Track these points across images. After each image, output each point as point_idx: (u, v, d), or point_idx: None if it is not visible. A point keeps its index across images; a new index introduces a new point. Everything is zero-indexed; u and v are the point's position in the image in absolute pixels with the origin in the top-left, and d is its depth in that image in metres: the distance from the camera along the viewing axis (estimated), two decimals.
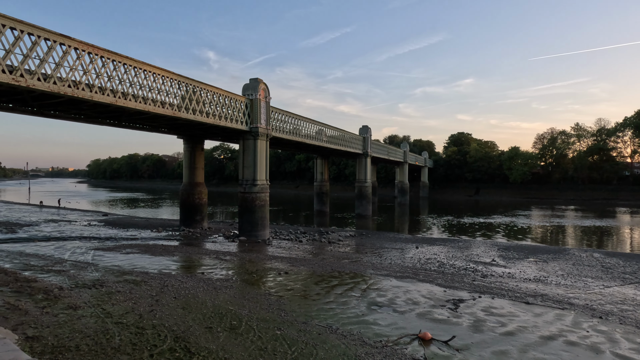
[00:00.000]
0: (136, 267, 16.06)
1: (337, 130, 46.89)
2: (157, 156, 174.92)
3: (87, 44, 17.65)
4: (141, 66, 20.44)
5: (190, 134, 32.79)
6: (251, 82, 29.82)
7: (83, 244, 22.62)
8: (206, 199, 34.70)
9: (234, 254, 21.44)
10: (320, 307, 11.78)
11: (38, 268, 14.46)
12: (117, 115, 23.36)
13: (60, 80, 16.73)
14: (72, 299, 10.26)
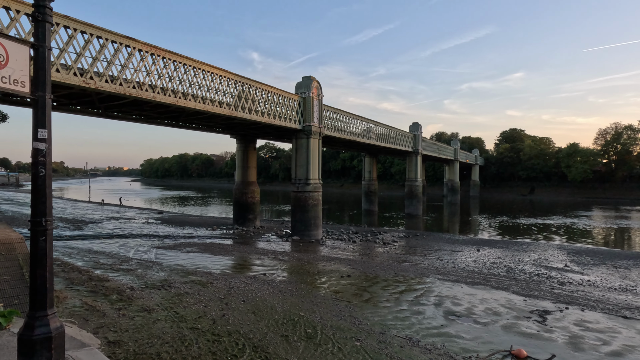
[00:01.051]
0: (199, 267, 16.04)
1: (387, 128, 45.75)
2: (206, 155, 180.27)
3: (150, 45, 17.89)
4: (200, 66, 20.55)
5: (243, 134, 33.01)
6: (304, 80, 29.47)
7: (144, 242, 23.16)
8: (258, 197, 34.84)
9: (290, 254, 21.14)
10: (394, 315, 11.07)
11: (107, 266, 14.73)
12: (176, 116, 23.76)
13: (125, 82, 17.04)
14: (144, 301, 10.18)
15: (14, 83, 4.33)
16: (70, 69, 15.01)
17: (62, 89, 16.53)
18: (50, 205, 4.53)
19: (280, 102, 26.98)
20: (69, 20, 14.82)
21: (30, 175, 4.45)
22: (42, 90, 4.49)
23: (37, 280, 4.42)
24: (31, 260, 4.39)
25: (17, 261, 8.31)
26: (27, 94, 4.40)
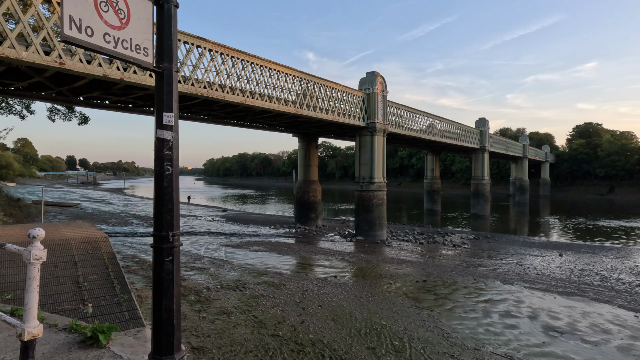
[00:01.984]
0: (268, 267, 15.82)
1: (451, 124, 43.60)
2: (264, 155, 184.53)
3: (220, 45, 17.98)
4: (266, 64, 20.44)
5: (305, 132, 32.82)
6: (368, 75, 28.64)
7: (213, 240, 23.55)
8: (320, 196, 34.52)
9: (357, 255, 20.47)
10: (485, 328, 10.01)
11: (182, 264, 14.89)
12: (243, 115, 23.94)
13: (197, 82, 17.23)
14: (221, 302, 9.96)
15: (135, 49, 3.44)
16: (146, 70, 15.33)
17: (138, 90, 17.02)
18: (178, 214, 3.57)
19: (344, 98, 26.37)
20: None
21: (105, 174, 4.07)
22: (167, 60, 3.58)
23: (162, 314, 3.42)
24: (155, 287, 3.46)
25: (102, 260, 8.34)
26: (149, 65, 3.57)
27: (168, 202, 3.55)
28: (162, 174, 3.53)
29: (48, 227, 10.54)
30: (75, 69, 13.30)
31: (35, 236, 2.23)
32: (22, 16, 12.02)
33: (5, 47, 11.75)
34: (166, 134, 3.53)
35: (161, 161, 3.53)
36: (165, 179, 3.54)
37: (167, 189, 3.55)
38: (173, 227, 3.53)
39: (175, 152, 3.60)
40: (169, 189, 3.55)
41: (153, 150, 3.57)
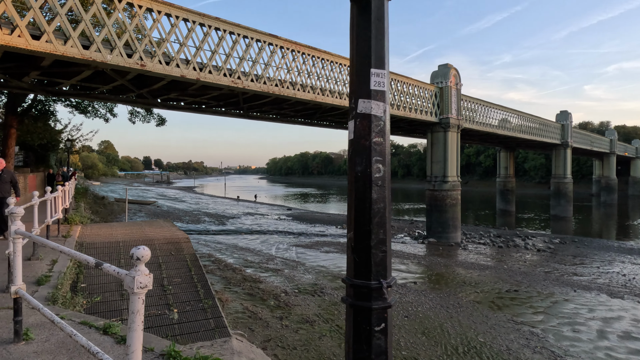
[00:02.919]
0: (343, 270, 15.17)
1: (529, 118, 40.26)
2: (325, 154, 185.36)
3: (291, 42, 17.64)
4: (336, 59, 19.82)
5: None
6: (440, 68, 27.08)
7: (282, 239, 23.42)
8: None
9: (432, 259, 19.23)
10: (605, 352, 8.57)
11: (256, 265, 14.70)
12: (312, 113, 23.56)
13: (268, 80, 17.01)
14: (302, 309, 9.43)
15: None
16: (220, 70, 15.34)
17: (213, 90, 17.14)
18: (390, 247, 2.29)
19: (415, 93, 25.09)
20: (219, 22, 15.13)
21: (177, 173, 3.41)
22: None
23: None
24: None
25: (185, 262, 8.13)
26: None
27: (378, 227, 2.18)
28: (366, 178, 2.18)
29: (132, 226, 10.70)
30: (155, 70, 13.52)
31: (139, 257, 1.67)
32: (107, 21, 12.36)
33: (92, 51, 12.14)
34: (375, 107, 2.18)
35: (365, 154, 2.18)
36: (374, 186, 2.18)
37: (378, 205, 2.19)
38: (387, 271, 2.20)
39: (387, 141, 2.25)
40: (379, 204, 2.20)
41: (349, 141, 2.31)
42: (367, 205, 2.18)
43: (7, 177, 8.61)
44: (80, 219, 11.09)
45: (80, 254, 2.34)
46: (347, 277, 2.26)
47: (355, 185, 2.23)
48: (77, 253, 2.38)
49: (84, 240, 8.64)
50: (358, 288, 2.18)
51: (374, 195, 2.18)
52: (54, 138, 23.09)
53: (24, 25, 10.88)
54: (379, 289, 2.15)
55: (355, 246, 2.20)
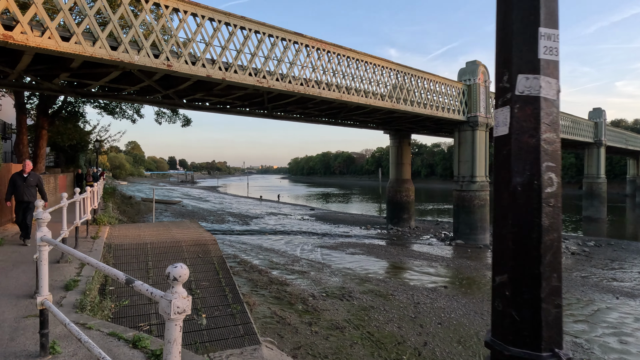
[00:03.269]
0: (369, 273, 14.81)
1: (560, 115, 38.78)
2: (347, 153, 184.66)
3: (315, 40, 17.37)
4: (362, 57, 19.44)
5: (397, 128, 31.29)
6: (468, 65, 26.32)
7: (306, 240, 23.19)
8: (413, 196, 32.76)
9: (461, 262, 18.63)
10: None
11: (282, 266, 14.50)
12: (336, 112, 23.26)
13: (293, 79, 16.80)
14: (330, 314, 9.14)
15: None
16: (245, 69, 15.21)
17: (238, 90, 17.05)
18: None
19: (441, 91, 24.44)
20: (244, 21, 15.00)
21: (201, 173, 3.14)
22: None
23: None
24: None
25: (213, 265, 7.95)
26: None
27: (551, 269, 1.54)
28: (531, 194, 1.56)
29: (159, 227, 10.65)
30: (181, 70, 13.48)
31: (176, 278, 1.41)
32: (134, 21, 12.37)
33: (119, 52, 12.16)
34: (546, 86, 1.56)
35: (530, 158, 1.57)
36: (545, 206, 1.56)
37: (550, 235, 1.55)
38: (561, 336, 1.55)
39: (559, 138, 1.60)
40: (552, 233, 1.56)
41: (498, 138, 1.68)
42: (533, 235, 1.51)
43: (33, 180, 8.42)
44: (109, 219, 11.11)
45: (109, 269, 2.11)
46: (494, 338, 1.57)
47: (512, 205, 1.55)
48: (105, 267, 2.16)
49: (112, 242, 8.58)
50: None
51: (545, 221, 1.50)
52: (83, 139, 23.54)
53: (54, 27, 10.97)
54: None
55: (514, 297, 1.52)
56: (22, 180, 8.34)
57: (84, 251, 7.38)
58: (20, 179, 8.35)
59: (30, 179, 8.37)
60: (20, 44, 10.51)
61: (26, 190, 8.30)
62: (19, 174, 8.43)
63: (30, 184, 8.37)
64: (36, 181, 8.48)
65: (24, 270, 6.10)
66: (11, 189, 8.30)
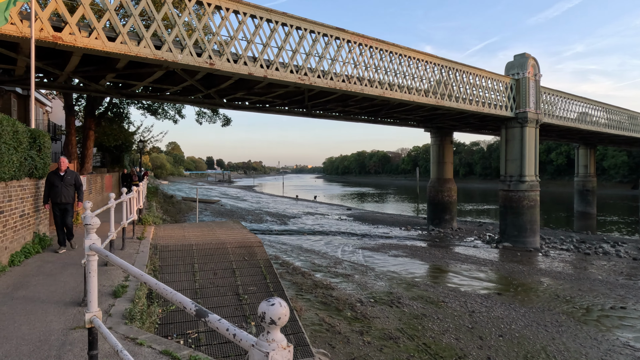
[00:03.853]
0: (416, 277, 14.14)
1: (617, 111, 36.26)
2: (382, 152, 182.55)
3: (357, 35, 16.83)
4: (405, 52, 18.71)
5: (439, 126, 30.19)
6: (516, 58, 24.94)
7: (346, 240, 22.70)
8: (455, 196, 31.55)
9: (512, 267, 17.55)
10: None
11: (324, 269, 14.08)
12: (377, 110, 22.60)
13: (335, 76, 16.33)
14: (381, 322, 8.61)
15: None
16: (287, 66, 14.89)
17: (278, 88, 16.78)
18: None
19: (488, 86, 23.25)
20: (286, 17, 14.68)
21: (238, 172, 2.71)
22: None
23: None
24: None
25: (259, 268, 7.60)
26: None
27: None
28: None
29: (203, 228, 10.47)
30: (224, 69, 13.31)
31: (274, 320, 0.98)
32: (178, 20, 12.30)
33: (163, 51, 12.11)
34: None
35: None
36: None
37: None
38: None
39: None
40: None
41: None
42: None
43: (70, 179, 7.73)
44: (153, 219, 11.06)
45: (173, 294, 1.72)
46: None
47: None
48: (169, 291, 1.77)
49: (158, 243, 8.42)
50: None
51: None
52: (128, 139, 24.08)
53: (100, 28, 11.03)
54: None
55: None
56: (59, 179, 7.65)
57: (131, 253, 7.22)
58: (57, 178, 7.66)
59: (68, 177, 7.73)
60: (69, 44, 10.61)
61: (64, 191, 7.68)
62: (54, 173, 7.70)
63: (68, 184, 7.73)
64: (74, 180, 7.83)
65: (72, 274, 5.95)
66: (48, 189, 7.72)
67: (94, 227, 2.64)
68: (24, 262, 6.39)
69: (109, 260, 2.33)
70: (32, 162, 7.32)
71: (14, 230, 6.30)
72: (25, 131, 6.72)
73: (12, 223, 6.29)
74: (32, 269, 6.12)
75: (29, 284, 5.36)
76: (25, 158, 6.96)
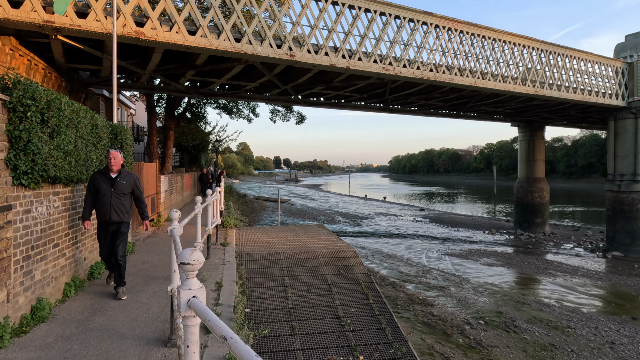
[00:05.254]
0: (521, 291, 12.24)
1: None
2: (452, 150, 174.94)
3: (447, 19, 15.16)
4: (500, 36, 16.66)
5: (530, 119, 27.21)
6: (629, 39, 21.60)
7: (427, 245, 20.98)
8: (548, 197, 28.34)
9: (635, 282, 14.83)
10: None
11: (413, 278, 12.67)
12: (463, 103, 20.58)
13: (422, 65, 14.81)
14: (503, 354, 7.09)
15: None
16: (370, 56, 13.66)
17: (359, 80, 15.65)
18: None
19: (593, 71, 20.25)
20: (369, 2, 13.45)
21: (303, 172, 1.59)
22: None
23: None
24: None
25: (358, 284, 6.47)
26: None
27: None
28: None
29: (287, 233, 9.59)
30: (304, 60, 12.41)
31: None
32: (258, 10, 11.59)
33: (243, 44, 11.46)
34: None
35: None
36: None
37: None
38: None
39: None
40: None
41: None
42: None
43: (126, 183, 5.14)
44: (234, 221, 10.40)
45: None
46: None
47: None
48: None
49: (243, 250, 7.61)
50: None
51: None
52: (205, 139, 24.31)
53: (181, 21, 10.60)
54: None
55: None
56: (108, 183, 5.06)
57: (217, 263, 6.43)
58: (105, 181, 5.07)
59: (122, 181, 5.12)
60: (150, 39, 10.28)
61: (115, 202, 5.05)
62: (102, 174, 5.12)
63: (122, 191, 5.11)
64: (131, 184, 5.22)
65: (155, 293, 5.17)
66: (91, 198, 5.08)
67: (194, 269, 1.61)
68: (103, 275, 5.79)
69: (214, 329, 1.27)
70: None
71: (94, 238, 5.73)
72: (106, 126, 6.10)
73: (93, 230, 5.72)
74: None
75: (107, 307, 4.64)
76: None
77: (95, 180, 5.05)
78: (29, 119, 3.73)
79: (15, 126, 3.67)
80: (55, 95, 4.05)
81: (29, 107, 3.71)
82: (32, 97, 3.76)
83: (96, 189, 5.02)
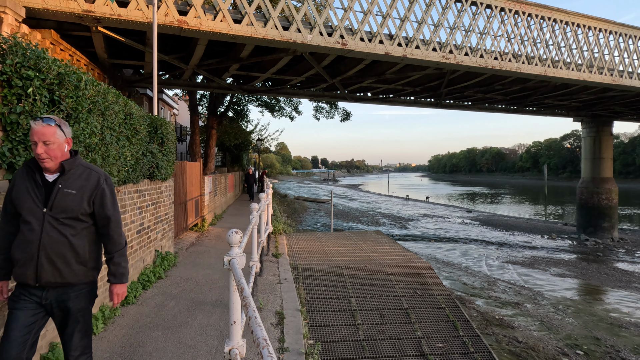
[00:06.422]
0: (609, 310, 10.55)
1: None
2: (496, 149, 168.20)
3: (514, 0, 13.57)
4: (574, 19, 14.88)
5: (597, 114, 24.76)
6: None
7: (484, 251, 19.32)
8: (617, 199, 25.76)
9: None
10: None
11: (479, 291, 11.28)
12: (526, 96, 18.74)
13: (485, 53, 13.33)
14: None
15: None
16: (428, 43, 12.35)
17: (414, 72, 14.39)
18: None
19: None
20: None
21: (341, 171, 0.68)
22: None
23: None
24: None
25: (441, 309, 5.29)
26: None
27: None
28: None
29: (344, 241, 8.51)
30: (357, 49, 11.30)
31: None
32: None
33: (291, 32, 10.50)
34: None
35: None
36: None
37: None
38: None
39: None
40: None
41: None
42: None
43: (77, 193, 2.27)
44: (283, 227, 9.45)
45: None
46: None
47: None
48: None
49: (298, 263, 6.60)
50: None
51: None
52: (246, 138, 23.70)
53: (225, 9, 9.77)
54: None
55: None
56: (36, 193, 2.24)
57: (272, 281, 5.43)
58: (33, 189, 2.25)
59: (69, 189, 2.27)
60: (194, 29, 9.50)
61: (50, 238, 2.21)
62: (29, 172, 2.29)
63: (68, 212, 2.24)
64: (89, 198, 2.31)
65: (202, 328, 4.09)
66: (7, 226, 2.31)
67: None
68: (141, 297, 4.85)
69: None
70: (152, 160, 5.59)
71: (131, 252, 4.88)
72: (144, 116, 5.15)
73: (128, 242, 4.86)
74: (149, 311, 4.50)
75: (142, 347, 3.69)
76: (144, 153, 5.23)
77: (15, 186, 2.29)
78: (31, 97, 2.67)
79: (11, 107, 2.60)
80: (71, 68, 3.08)
81: (30, 81, 2.64)
82: (36, 66, 2.68)
83: (14, 205, 2.28)
